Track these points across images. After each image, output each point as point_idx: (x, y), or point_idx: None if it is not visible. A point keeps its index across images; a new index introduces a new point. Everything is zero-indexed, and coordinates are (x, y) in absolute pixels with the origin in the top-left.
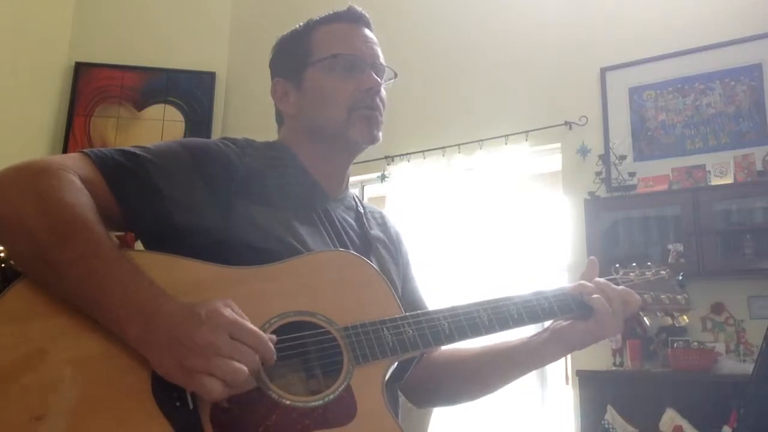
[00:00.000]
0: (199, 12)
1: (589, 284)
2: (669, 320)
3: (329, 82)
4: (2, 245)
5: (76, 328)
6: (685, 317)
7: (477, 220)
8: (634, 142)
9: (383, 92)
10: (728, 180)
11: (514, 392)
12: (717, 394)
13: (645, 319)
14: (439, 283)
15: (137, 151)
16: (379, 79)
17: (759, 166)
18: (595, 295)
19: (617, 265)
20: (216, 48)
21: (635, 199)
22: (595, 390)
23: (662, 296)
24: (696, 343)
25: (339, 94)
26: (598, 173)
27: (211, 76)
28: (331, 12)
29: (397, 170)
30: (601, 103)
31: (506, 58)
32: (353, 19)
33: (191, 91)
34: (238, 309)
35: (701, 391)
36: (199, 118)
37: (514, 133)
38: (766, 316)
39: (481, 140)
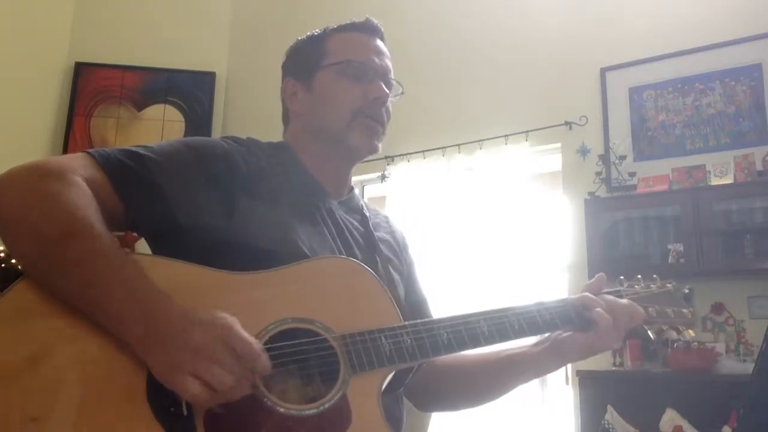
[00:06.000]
0: (199, 12)
1: (593, 297)
2: (674, 334)
3: (338, 86)
4: (7, 245)
5: (76, 330)
6: (690, 331)
7: (477, 220)
8: (634, 142)
9: (389, 105)
10: (728, 180)
11: (515, 392)
12: (717, 394)
13: (649, 332)
14: (440, 283)
15: (141, 151)
16: (387, 91)
17: (759, 166)
18: (597, 309)
19: (621, 277)
20: (216, 48)
21: (635, 199)
22: (595, 390)
23: (667, 310)
24: (696, 343)
25: (346, 98)
26: (598, 173)
27: (211, 76)
28: (349, 21)
29: (397, 170)
30: (601, 103)
31: (506, 58)
32: (369, 30)
33: (191, 91)
34: (236, 319)
35: (701, 391)
36: (199, 118)
37: (514, 133)
38: (766, 316)
39: (481, 140)
